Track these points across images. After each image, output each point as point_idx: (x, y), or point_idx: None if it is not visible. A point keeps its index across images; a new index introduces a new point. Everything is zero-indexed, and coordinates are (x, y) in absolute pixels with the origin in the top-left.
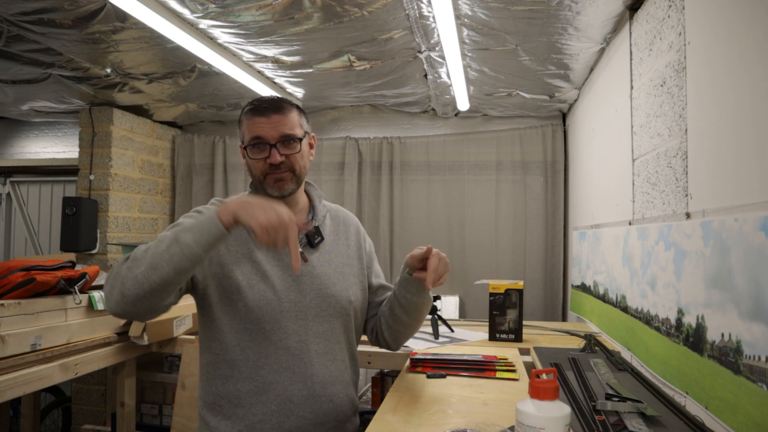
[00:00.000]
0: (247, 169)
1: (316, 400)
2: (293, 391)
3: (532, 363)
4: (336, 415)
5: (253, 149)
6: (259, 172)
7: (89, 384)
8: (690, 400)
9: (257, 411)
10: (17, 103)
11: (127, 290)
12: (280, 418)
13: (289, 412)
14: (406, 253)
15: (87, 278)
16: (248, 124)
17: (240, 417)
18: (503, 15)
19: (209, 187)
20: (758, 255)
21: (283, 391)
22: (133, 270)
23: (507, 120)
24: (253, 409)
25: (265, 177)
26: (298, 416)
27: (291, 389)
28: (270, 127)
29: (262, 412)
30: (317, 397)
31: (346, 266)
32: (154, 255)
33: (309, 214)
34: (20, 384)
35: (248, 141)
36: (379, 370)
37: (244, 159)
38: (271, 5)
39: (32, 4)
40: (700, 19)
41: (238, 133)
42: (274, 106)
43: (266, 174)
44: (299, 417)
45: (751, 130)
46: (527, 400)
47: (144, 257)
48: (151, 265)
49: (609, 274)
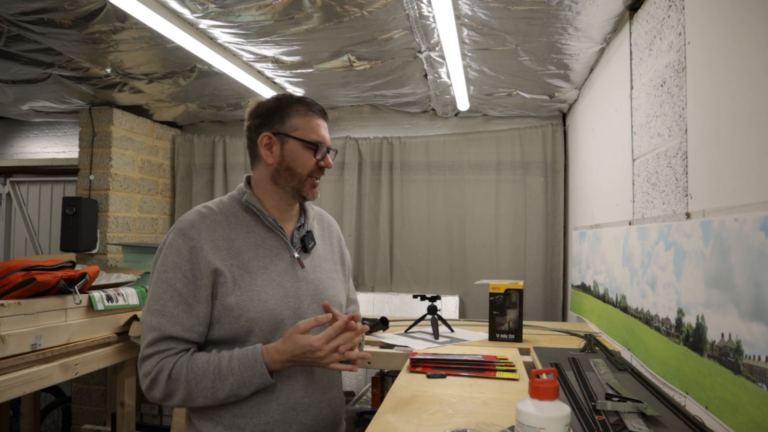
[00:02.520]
0: (275, 162)
1: (317, 406)
2: (296, 399)
3: (532, 363)
4: (332, 419)
5: (310, 148)
6: (306, 171)
7: (89, 384)
8: (690, 400)
9: (259, 421)
10: (17, 103)
11: (191, 402)
12: (283, 426)
13: (292, 420)
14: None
15: (87, 278)
16: (310, 122)
17: (241, 427)
18: (503, 15)
19: (209, 187)
20: (758, 255)
21: (287, 400)
22: (196, 395)
23: (507, 120)
24: (254, 419)
25: (307, 178)
26: (301, 424)
27: (293, 397)
28: (326, 132)
29: (264, 422)
30: (318, 403)
31: (333, 271)
32: (214, 394)
33: (301, 218)
34: (20, 384)
35: (312, 139)
36: (379, 370)
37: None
38: (271, 5)
39: (32, 4)
40: (700, 19)
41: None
42: (324, 112)
43: (311, 175)
44: (302, 425)
45: (751, 130)
46: (527, 400)
47: (205, 390)
48: (212, 398)
49: (609, 274)
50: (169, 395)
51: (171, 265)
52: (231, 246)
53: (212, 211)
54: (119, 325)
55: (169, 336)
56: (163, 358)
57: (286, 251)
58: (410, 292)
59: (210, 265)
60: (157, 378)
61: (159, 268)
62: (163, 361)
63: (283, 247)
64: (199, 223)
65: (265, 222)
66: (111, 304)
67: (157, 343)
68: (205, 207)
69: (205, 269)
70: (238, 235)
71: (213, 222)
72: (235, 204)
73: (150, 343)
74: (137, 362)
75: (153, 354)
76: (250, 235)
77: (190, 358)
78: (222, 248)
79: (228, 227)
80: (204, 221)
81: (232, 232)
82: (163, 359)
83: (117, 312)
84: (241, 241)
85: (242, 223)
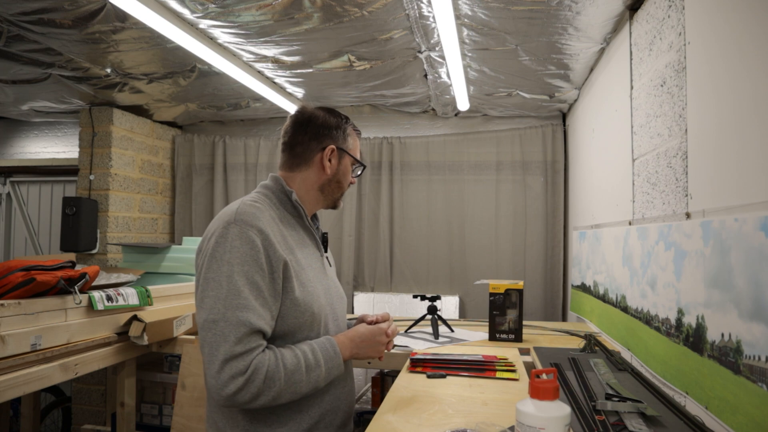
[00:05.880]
0: (331, 174)
1: (349, 394)
2: (340, 389)
3: (532, 363)
4: (353, 406)
5: (355, 167)
6: (346, 187)
7: (89, 384)
8: (690, 400)
9: (314, 413)
10: (17, 103)
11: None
12: (332, 416)
13: (338, 409)
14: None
15: (87, 278)
16: (358, 144)
17: (298, 421)
18: (503, 15)
19: (209, 187)
20: (758, 255)
21: (334, 390)
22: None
23: (507, 120)
24: (311, 411)
25: (343, 193)
26: (344, 412)
27: (338, 387)
28: None
29: (319, 413)
30: (350, 391)
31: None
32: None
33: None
34: (20, 384)
35: (362, 160)
36: (379, 370)
37: (334, 160)
38: (271, 5)
39: (32, 4)
40: (700, 19)
41: (340, 136)
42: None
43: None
44: (344, 412)
45: (751, 130)
46: (527, 400)
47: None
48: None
49: (609, 274)
50: (260, 395)
51: (246, 258)
52: (286, 241)
53: (265, 208)
54: (119, 325)
55: (258, 330)
56: (255, 356)
57: (317, 250)
58: (410, 292)
59: (281, 258)
60: (252, 378)
61: (230, 261)
62: (257, 359)
63: (315, 245)
64: (262, 217)
65: (305, 222)
66: (111, 304)
67: (247, 339)
68: (253, 202)
69: (276, 262)
70: (289, 233)
71: (270, 217)
72: (278, 200)
73: (238, 340)
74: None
75: (244, 352)
76: (296, 233)
77: (279, 355)
78: (281, 243)
79: (281, 223)
80: (264, 215)
81: (284, 228)
82: (256, 357)
83: (117, 312)
84: (291, 239)
85: (287, 220)
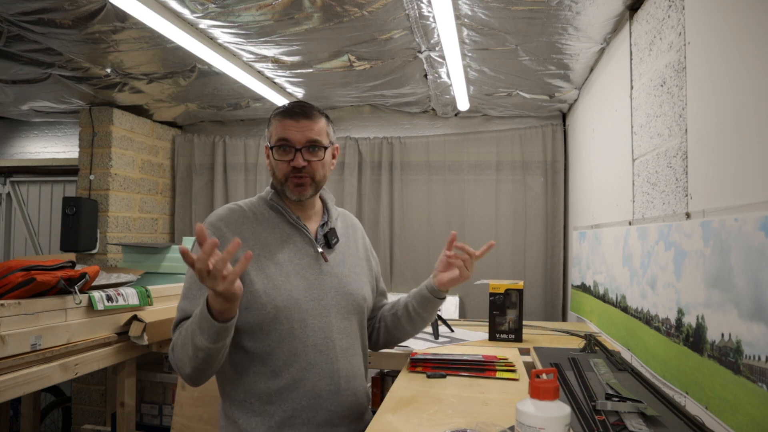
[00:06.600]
0: (270, 169)
1: (341, 394)
2: (322, 387)
3: (532, 363)
4: (357, 407)
5: (279, 151)
6: (281, 174)
7: (89, 384)
8: (690, 400)
9: (287, 407)
10: (17, 103)
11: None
12: (310, 413)
13: (318, 406)
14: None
15: (87, 278)
16: (277, 126)
17: (270, 413)
18: (503, 15)
19: (209, 187)
20: (758, 255)
21: (313, 387)
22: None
23: (507, 120)
24: (283, 405)
25: (287, 180)
26: (327, 410)
27: (320, 385)
28: (297, 131)
29: (292, 408)
30: (342, 391)
31: (357, 266)
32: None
33: (324, 216)
34: (20, 384)
35: (275, 142)
36: (379, 370)
37: (268, 159)
38: (271, 5)
39: (32, 4)
40: (700, 19)
41: (266, 133)
42: (304, 111)
43: (288, 177)
44: (328, 411)
45: (751, 130)
46: (527, 400)
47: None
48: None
49: (609, 274)
50: (178, 365)
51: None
52: (258, 238)
53: (241, 208)
54: (119, 325)
55: (189, 316)
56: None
57: (310, 246)
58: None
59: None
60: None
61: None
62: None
63: (307, 242)
64: (227, 216)
65: (289, 219)
66: (111, 304)
67: (179, 324)
68: (236, 204)
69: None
70: (264, 230)
71: (241, 216)
72: (262, 203)
73: (174, 325)
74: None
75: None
76: (276, 231)
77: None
78: (249, 240)
79: (255, 222)
80: (233, 215)
81: (259, 227)
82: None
83: (117, 312)
84: (267, 235)
85: (269, 220)
